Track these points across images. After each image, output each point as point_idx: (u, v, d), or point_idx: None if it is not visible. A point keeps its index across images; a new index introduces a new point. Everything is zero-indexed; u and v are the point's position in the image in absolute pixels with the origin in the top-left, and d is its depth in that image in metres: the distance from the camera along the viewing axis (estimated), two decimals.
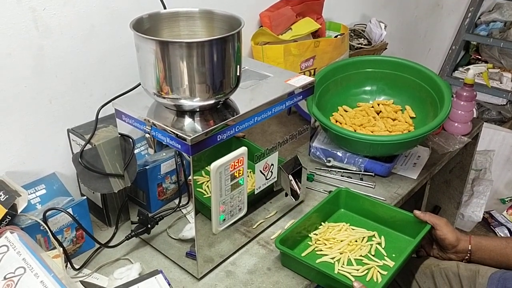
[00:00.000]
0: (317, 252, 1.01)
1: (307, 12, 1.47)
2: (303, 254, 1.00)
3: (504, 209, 2.21)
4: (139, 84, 0.91)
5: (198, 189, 0.88)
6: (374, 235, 1.06)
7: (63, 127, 1.06)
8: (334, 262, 0.98)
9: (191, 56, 0.80)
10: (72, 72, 1.03)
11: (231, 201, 0.92)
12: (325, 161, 1.29)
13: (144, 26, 0.87)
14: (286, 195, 1.10)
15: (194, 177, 0.86)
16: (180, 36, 0.93)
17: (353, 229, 1.07)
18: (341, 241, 1.03)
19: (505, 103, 2.72)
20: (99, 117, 1.02)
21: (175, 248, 0.99)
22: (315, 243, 1.03)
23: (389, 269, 0.95)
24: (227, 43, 0.82)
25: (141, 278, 0.90)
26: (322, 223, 1.08)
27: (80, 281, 0.93)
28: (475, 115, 1.52)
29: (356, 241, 1.03)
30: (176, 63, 0.80)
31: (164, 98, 0.85)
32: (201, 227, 0.91)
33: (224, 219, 0.92)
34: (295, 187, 1.08)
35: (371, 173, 1.27)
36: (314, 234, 1.05)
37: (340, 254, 1.00)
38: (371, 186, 1.23)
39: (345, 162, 1.27)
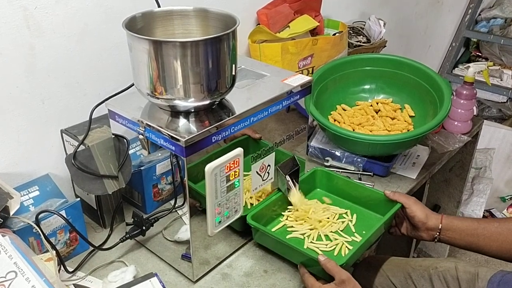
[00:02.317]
0: (288, 229, 1.03)
1: (305, 10, 1.45)
2: (273, 230, 1.01)
3: (504, 208, 2.20)
4: (133, 84, 0.90)
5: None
6: (346, 212, 1.07)
7: (57, 127, 1.04)
8: (304, 237, 1.00)
9: (185, 55, 0.78)
10: (65, 71, 1.02)
11: (227, 203, 0.90)
12: (323, 160, 1.28)
13: (138, 25, 0.86)
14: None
15: (201, 183, 0.84)
16: (174, 35, 0.91)
17: (326, 206, 1.08)
18: (312, 217, 1.04)
19: (505, 101, 2.70)
20: (93, 117, 1.00)
21: (170, 250, 0.97)
22: (287, 219, 1.05)
23: (356, 244, 0.96)
24: (222, 42, 0.80)
25: (136, 281, 0.89)
26: None
27: (73, 284, 0.91)
28: (475, 113, 1.50)
29: (328, 218, 1.04)
30: (169, 63, 0.79)
31: (158, 98, 0.83)
32: (196, 228, 0.89)
33: (220, 221, 0.91)
34: (293, 187, 1.07)
35: (370, 173, 1.25)
36: (288, 211, 1.06)
37: (311, 230, 1.01)
38: (370, 186, 1.21)
39: (343, 161, 1.26)
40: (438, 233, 1.01)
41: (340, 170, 1.26)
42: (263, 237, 0.99)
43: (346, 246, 0.98)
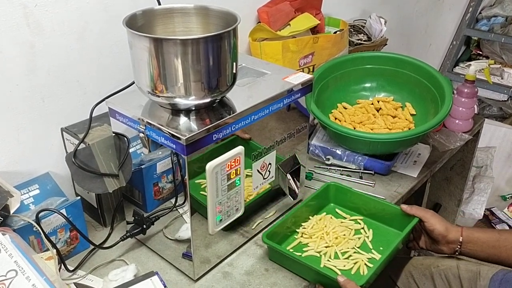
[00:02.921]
0: (304, 247, 1.01)
1: (306, 8, 1.45)
2: (288, 248, 1.00)
3: (505, 206, 2.20)
4: (134, 82, 0.89)
5: (201, 192, 0.87)
6: (363, 227, 1.05)
7: (57, 126, 1.04)
8: (321, 255, 0.98)
9: (186, 53, 0.78)
10: (65, 70, 1.01)
11: (228, 202, 0.90)
12: (324, 159, 1.27)
13: (138, 22, 0.85)
14: (285, 194, 1.08)
15: (197, 180, 0.84)
16: (175, 32, 0.91)
17: (342, 222, 1.06)
18: (327, 234, 1.02)
19: (506, 99, 2.69)
20: (93, 115, 1.00)
21: (171, 248, 0.97)
22: (301, 236, 1.03)
23: (375, 262, 0.94)
24: (222, 40, 0.80)
25: (137, 279, 0.89)
26: (310, 217, 1.08)
27: (74, 283, 0.91)
28: (476, 111, 1.50)
29: (344, 234, 1.02)
30: (170, 60, 0.78)
31: (158, 96, 0.83)
32: (197, 227, 0.89)
33: (221, 220, 0.91)
34: (294, 186, 1.07)
35: (371, 172, 1.25)
36: (303, 227, 1.04)
37: (326, 247, 0.99)
38: (371, 184, 1.21)
39: (344, 160, 1.26)
40: (459, 246, 1.00)
41: (341, 169, 1.26)
42: (278, 256, 0.97)
43: (365, 264, 0.96)
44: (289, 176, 1.05)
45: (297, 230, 1.04)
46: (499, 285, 0.94)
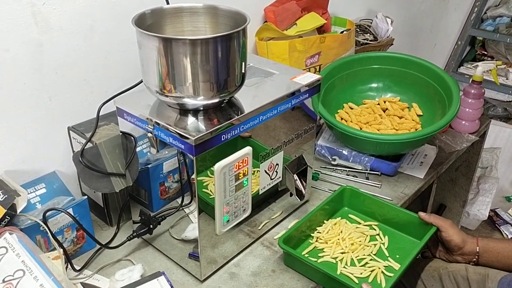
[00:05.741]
0: (319, 252, 1.00)
1: (312, 7, 1.44)
2: (303, 253, 0.99)
3: (510, 207, 2.19)
4: (142, 81, 0.89)
5: (203, 189, 0.86)
6: (378, 234, 1.04)
7: (64, 125, 1.03)
8: (337, 262, 0.97)
9: (195, 53, 0.77)
10: (72, 68, 1.01)
11: (235, 202, 0.89)
12: (330, 159, 1.27)
13: (147, 22, 0.85)
14: (291, 195, 1.08)
15: (199, 178, 0.84)
16: (183, 32, 0.90)
17: (357, 227, 1.05)
18: (344, 240, 1.01)
19: (511, 100, 2.68)
20: (100, 114, 1.00)
21: (177, 248, 0.97)
22: (316, 241, 1.02)
23: (395, 272, 0.93)
24: (232, 40, 0.80)
25: (143, 280, 0.89)
26: (325, 221, 1.07)
27: (80, 283, 0.91)
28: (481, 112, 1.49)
29: (360, 240, 1.01)
30: (179, 60, 0.78)
31: (166, 96, 0.82)
32: (204, 227, 0.89)
33: (228, 220, 0.90)
34: (300, 187, 1.06)
35: (377, 172, 1.24)
36: (318, 232, 1.03)
37: (342, 254, 0.98)
38: (377, 185, 1.21)
39: (350, 160, 1.25)
40: (476, 257, 1.01)
41: (347, 169, 1.26)
42: (294, 261, 0.96)
43: (382, 272, 0.94)
44: (296, 176, 1.04)
45: (312, 234, 1.03)
46: (507, 286, 0.93)
